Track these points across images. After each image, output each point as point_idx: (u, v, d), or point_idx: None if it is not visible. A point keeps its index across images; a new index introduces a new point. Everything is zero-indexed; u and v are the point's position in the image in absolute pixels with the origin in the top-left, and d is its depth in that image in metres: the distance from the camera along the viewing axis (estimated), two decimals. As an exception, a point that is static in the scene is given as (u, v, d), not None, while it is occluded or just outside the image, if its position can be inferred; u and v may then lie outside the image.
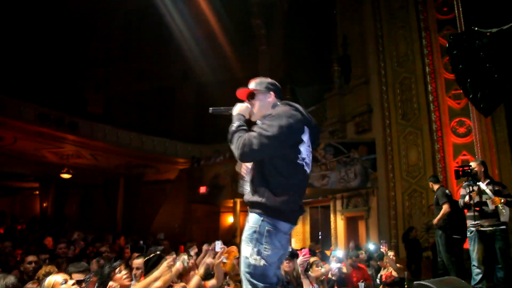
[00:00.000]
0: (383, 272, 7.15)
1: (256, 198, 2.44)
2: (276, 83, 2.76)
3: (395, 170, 11.58)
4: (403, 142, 11.58)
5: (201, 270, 4.38)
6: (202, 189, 17.34)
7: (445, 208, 7.01)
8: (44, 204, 21.42)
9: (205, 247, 5.54)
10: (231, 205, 17.32)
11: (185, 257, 4.35)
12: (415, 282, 4.07)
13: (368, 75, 12.89)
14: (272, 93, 2.69)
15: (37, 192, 22.33)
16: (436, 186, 7.47)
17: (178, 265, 4.00)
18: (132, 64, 21.70)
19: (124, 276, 3.51)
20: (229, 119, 2.59)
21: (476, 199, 5.41)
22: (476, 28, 6.74)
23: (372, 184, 12.20)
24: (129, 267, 4.15)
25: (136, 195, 20.78)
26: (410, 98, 11.66)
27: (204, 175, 18.08)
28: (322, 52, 15.55)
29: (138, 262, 4.37)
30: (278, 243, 2.42)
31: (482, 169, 5.67)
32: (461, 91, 8.31)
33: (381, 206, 11.91)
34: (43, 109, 15.35)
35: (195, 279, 4.23)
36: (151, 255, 3.87)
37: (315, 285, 5.25)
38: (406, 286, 6.55)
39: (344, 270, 7.09)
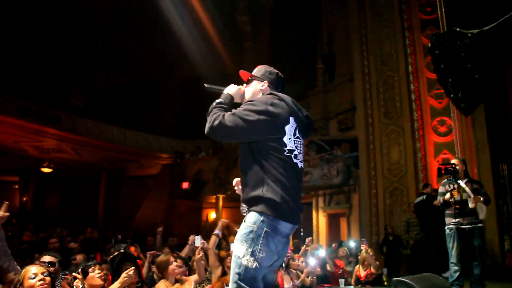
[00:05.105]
0: (360, 270, 7.20)
1: (256, 193, 2.32)
2: (278, 74, 2.68)
3: (377, 168, 11.68)
4: (385, 140, 11.69)
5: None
6: (185, 185, 17.30)
7: None
8: (24, 198, 21.08)
9: (191, 237, 5.51)
10: (214, 201, 17.32)
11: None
12: (394, 279, 4.13)
13: (352, 73, 12.95)
14: (266, 82, 2.62)
15: (17, 186, 21.97)
16: None
17: None
18: (116, 58, 21.46)
19: (97, 275, 3.47)
20: None
21: (457, 197, 5.49)
22: (458, 29, 6.84)
23: (354, 182, 12.29)
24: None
25: (118, 190, 20.60)
26: (393, 97, 11.77)
27: (187, 170, 18.04)
28: (307, 49, 15.60)
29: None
30: (274, 247, 2.30)
31: (464, 168, 5.75)
32: (443, 90, 8.43)
33: (362, 203, 12.00)
34: (24, 102, 15.10)
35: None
36: (115, 254, 3.79)
37: (296, 281, 5.29)
38: (385, 283, 6.66)
39: (328, 268, 7.18)
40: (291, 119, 2.43)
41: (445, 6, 9.32)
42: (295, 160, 2.40)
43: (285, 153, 2.36)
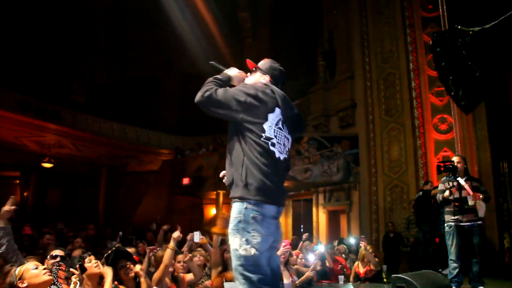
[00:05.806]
0: (359, 267, 7.23)
1: (236, 175, 2.39)
2: (282, 71, 2.80)
3: (377, 165, 11.69)
4: (386, 138, 11.69)
5: (171, 243, 4.31)
6: (185, 181, 17.27)
7: None
8: (25, 194, 21.08)
9: (189, 236, 5.52)
10: (214, 197, 17.31)
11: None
12: (393, 275, 4.15)
13: (352, 70, 12.94)
14: (268, 76, 2.71)
15: (18, 181, 21.97)
16: None
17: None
18: (117, 53, 21.42)
19: (94, 265, 3.49)
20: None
21: (456, 194, 5.49)
22: (459, 27, 6.83)
23: (354, 179, 12.30)
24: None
25: (118, 186, 20.62)
26: (394, 94, 11.77)
27: (187, 166, 18.01)
28: (308, 46, 15.57)
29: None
30: (266, 230, 2.32)
31: (464, 165, 5.75)
32: (444, 88, 8.43)
33: (362, 200, 12.02)
34: (24, 97, 15.08)
35: (167, 252, 4.19)
36: (109, 251, 3.84)
37: (294, 277, 5.30)
38: (385, 280, 6.68)
39: (327, 264, 7.20)
40: (277, 109, 2.51)
41: (446, 4, 9.32)
42: (272, 148, 2.45)
43: (262, 139, 2.42)
